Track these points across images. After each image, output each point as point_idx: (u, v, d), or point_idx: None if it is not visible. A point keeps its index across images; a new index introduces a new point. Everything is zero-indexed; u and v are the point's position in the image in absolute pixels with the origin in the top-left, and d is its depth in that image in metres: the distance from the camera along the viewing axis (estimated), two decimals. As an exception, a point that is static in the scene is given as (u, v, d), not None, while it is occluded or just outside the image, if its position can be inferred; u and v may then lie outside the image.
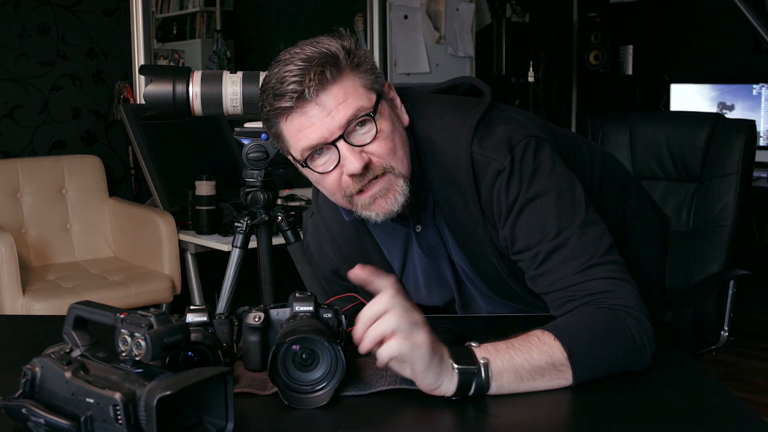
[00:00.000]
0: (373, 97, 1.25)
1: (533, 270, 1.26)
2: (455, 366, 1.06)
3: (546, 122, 1.47)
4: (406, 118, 1.33)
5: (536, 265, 1.25)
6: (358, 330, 1.05)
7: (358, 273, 1.08)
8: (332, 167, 1.25)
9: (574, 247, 1.22)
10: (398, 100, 1.33)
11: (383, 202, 1.26)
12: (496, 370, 1.07)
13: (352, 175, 1.24)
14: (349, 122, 1.21)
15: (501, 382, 1.08)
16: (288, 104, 1.21)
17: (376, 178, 1.25)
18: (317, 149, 1.24)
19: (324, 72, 1.19)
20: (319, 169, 1.26)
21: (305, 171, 1.30)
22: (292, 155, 1.29)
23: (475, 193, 1.29)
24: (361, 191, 1.26)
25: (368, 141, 1.24)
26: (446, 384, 1.06)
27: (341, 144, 1.22)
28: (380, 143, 1.24)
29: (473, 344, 1.11)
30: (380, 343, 1.04)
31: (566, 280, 1.22)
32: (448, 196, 1.33)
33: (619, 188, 1.57)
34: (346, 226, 1.44)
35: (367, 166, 1.24)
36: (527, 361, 1.09)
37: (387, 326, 1.03)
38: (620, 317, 1.16)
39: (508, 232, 1.28)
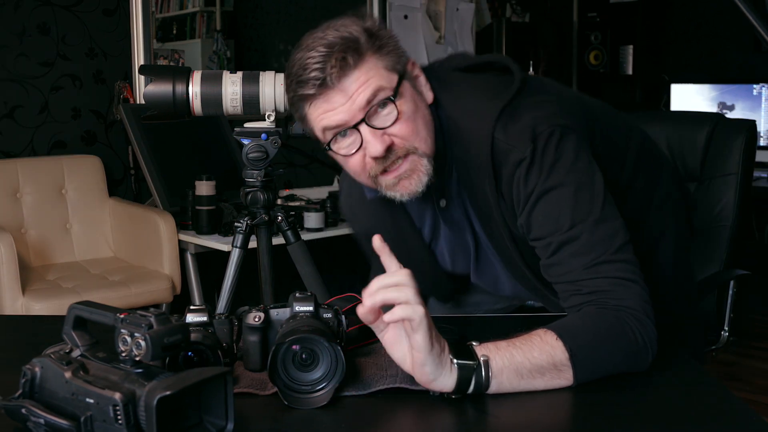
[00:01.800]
0: (395, 77, 1.25)
1: (545, 259, 1.27)
2: (454, 360, 1.06)
3: (585, 100, 1.44)
4: (430, 96, 1.32)
5: (548, 254, 1.26)
6: (371, 288, 1.04)
7: (377, 244, 1.08)
8: (355, 150, 1.26)
9: (586, 242, 1.22)
10: (423, 78, 1.32)
11: (407, 182, 1.28)
12: (496, 367, 1.07)
13: (375, 158, 1.25)
14: (369, 104, 1.22)
15: (501, 380, 1.08)
16: (311, 91, 1.22)
17: (399, 159, 1.26)
18: (341, 132, 1.25)
19: (345, 58, 1.20)
20: (342, 152, 1.27)
21: (330, 153, 1.30)
22: (317, 137, 1.31)
23: (493, 179, 1.29)
24: (385, 171, 1.27)
25: (390, 123, 1.24)
26: (444, 378, 1.06)
27: (363, 127, 1.23)
28: (402, 125, 1.24)
29: (474, 343, 1.11)
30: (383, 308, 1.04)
31: (574, 274, 1.22)
32: (470, 176, 1.33)
33: (651, 173, 1.55)
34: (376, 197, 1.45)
35: (389, 148, 1.25)
36: (528, 360, 1.09)
37: (402, 296, 1.03)
38: (623, 319, 1.16)
39: (525, 220, 1.28)
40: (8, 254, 2.83)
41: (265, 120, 1.77)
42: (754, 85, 4.24)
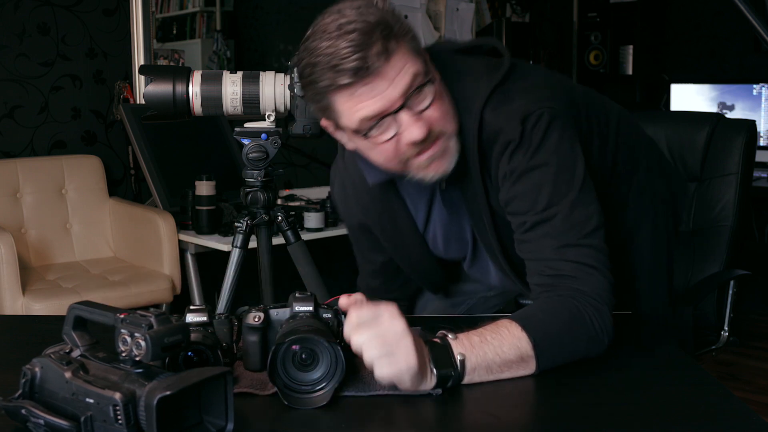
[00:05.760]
0: (422, 60, 1.24)
1: (519, 234, 1.31)
2: (434, 370, 1.09)
3: (569, 84, 1.47)
4: (438, 77, 1.30)
5: (522, 231, 1.30)
6: (345, 330, 1.08)
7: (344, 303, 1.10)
8: (391, 135, 1.23)
9: (559, 224, 1.26)
10: (428, 59, 1.31)
11: (440, 163, 1.28)
12: (470, 366, 1.12)
13: (413, 142, 1.23)
14: (409, 90, 1.20)
15: (473, 377, 1.13)
16: (348, 80, 1.17)
17: (432, 141, 1.25)
18: (378, 119, 1.22)
19: (388, 43, 1.18)
20: (380, 139, 1.24)
21: (357, 140, 1.27)
22: (341, 126, 1.27)
23: (478, 158, 1.31)
24: (418, 153, 1.26)
25: (426, 106, 1.23)
26: (425, 385, 1.10)
27: (403, 113, 1.21)
28: (436, 106, 1.24)
29: (449, 336, 1.13)
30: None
31: (543, 254, 1.26)
32: (460, 156, 1.34)
33: (629, 158, 1.56)
34: (374, 187, 1.44)
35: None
36: (498, 356, 1.14)
37: (368, 354, 1.06)
38: (581, 307, 1.21)
39: (505, 194, 1.31)
40: (8, 254, 2.83)
41: (265, 120, 1.77)
42: (754, 85, 4.24)
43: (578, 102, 1.43)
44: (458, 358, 1.11)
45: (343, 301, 1.10)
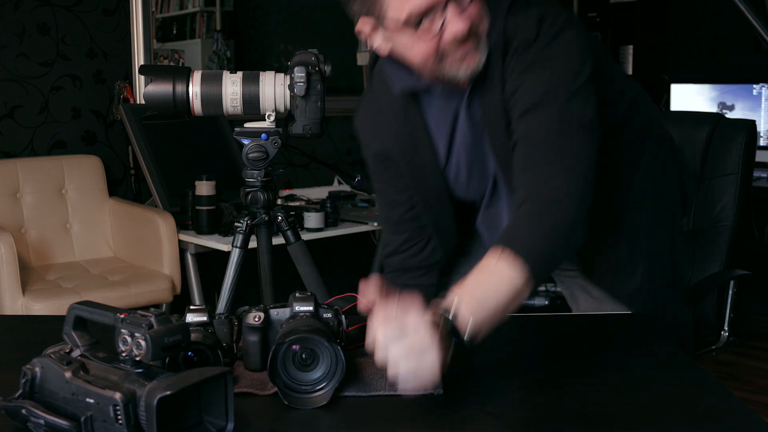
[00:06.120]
0: None
1: (514, 123, 1.34)
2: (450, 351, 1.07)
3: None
4: None
5: (517, 117, 1.33)
6: (368, 344, 1.06)
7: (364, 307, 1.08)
8: (438, 28, 1.27)
9: (552, 112, 1.29)
10: None
11: (471, 58, 1.31)
12: (478, 331, 1.11)
13: (455, 38, 1.27)
14: None
15: (480, 334, 1.12)
16: None
17: (469, 38, 1.30)
18: (424, 13, 1.26)
19: None
20: (428, 32, 1.27)
21: (399, 35, 1.30)
22: (384, 22, 1.30)
23: (501, 60, 1.34)
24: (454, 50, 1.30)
25: (469, 2, 1.27)
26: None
27: (450, 6, 1.26)
28: (475, 4, 1.28)
29: (455, 313, 1.11)
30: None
31: (529, 143, 1.30)
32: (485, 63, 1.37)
33: (642, 125, 1.58)
34: (397, 103, 1.47)
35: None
36: (499, 304, 1.14)
37: (393, 371, 1.04)
38: (554, 212, 1.24)
39: (510, 86, 1.34)
40: (8, 254, 2.83)
41: (265, 120, 1.77)
42: (754, 85, 4.24)
43: (598, 42, 1.46)
44: (467, 332, 1.09)
45: (363, 305, 1.07)
